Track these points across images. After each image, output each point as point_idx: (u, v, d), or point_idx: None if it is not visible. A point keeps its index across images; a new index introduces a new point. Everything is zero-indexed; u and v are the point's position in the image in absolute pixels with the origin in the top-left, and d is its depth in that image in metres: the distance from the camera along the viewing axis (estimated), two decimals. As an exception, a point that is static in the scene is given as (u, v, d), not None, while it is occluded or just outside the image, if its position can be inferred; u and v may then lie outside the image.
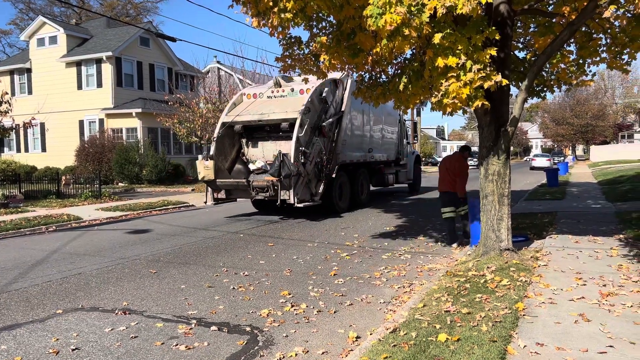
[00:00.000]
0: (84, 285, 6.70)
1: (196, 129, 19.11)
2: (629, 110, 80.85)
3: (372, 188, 17.04)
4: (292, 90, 13.63)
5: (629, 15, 6.08)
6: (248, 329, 4.99)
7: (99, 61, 25.86)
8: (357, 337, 4.70)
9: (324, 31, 7.11)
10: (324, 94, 13.14)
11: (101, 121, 26.23)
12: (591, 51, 6.43)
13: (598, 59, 6.57)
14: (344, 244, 9.34)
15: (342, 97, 13.83)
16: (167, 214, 14.71)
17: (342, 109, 13.74)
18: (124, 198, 18.53)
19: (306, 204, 12.29)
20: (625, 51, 6.23)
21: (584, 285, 5.52)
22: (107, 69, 25.75)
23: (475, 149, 77.27)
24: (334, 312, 5.47)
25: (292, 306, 5.64)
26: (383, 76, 7.59)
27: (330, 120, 13.32)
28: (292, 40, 7.32)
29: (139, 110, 24.84)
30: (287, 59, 7.31)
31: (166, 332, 4.93)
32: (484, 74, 5.35)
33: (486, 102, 5.67)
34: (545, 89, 8.16)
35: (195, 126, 18.75)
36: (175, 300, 5.95)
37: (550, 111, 74.65)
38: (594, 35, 6.56)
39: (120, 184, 24.13)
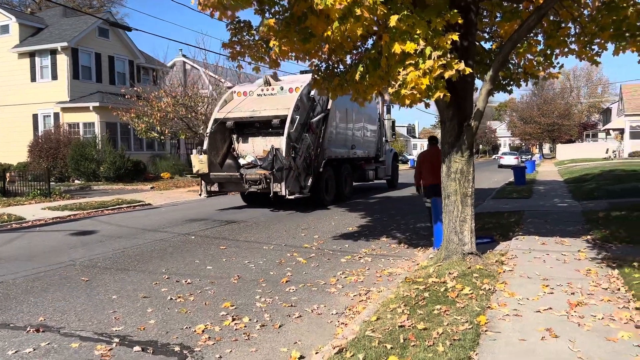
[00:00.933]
0: (1, 297, 5.94)
1: (155, 124, 18.26)
2: (593, 110, 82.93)
3: (354, 183, 17.56)
4: (282, 88, 14.22)
5: (600, 2, 5.69)
6: (177, 348, 4.36)
7: (53, 52, 24.58)
8: (301, 358, 4.13)
9: (277, 16, 6.51)
10: (312, 93, 13.71)
11: (56, 115, 24.95)
12: (560, 41, 6.01)
13: (567, 49, 6.17)
14: (302, 246, 8.77)
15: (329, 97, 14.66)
16: (119, 214, 13.85)
17: (328, 107, 14.44)
18: (77, 196, 17.52)
19: (296, 196, 13.02)
20: (595, 41, 5.83)
21: (552, 293, 5.08)
22: (63, 61, 24.49)
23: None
24: (279, 326, 4.89)
25: (233, 320, 5.04)
26: (341, 66, 7.03)
27: (318, 117, 14.02)
28: (241, 24, 6.69)
29: (97, 104, 23.71)
30: (235, 45, 6.67)
31: (80, 354, 4.26)
32: (444, 62, 4.84)
33: (447, 94, 5.17)
34: (511, 82, 7.75)
35: (154, 121, 17.91)
36: (102, 314, 5.27)
37: (518, 110, 75.80)
38: (563, 25, 6.15)
39: (76, 181, 22.98)
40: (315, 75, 7.08)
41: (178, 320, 5.06)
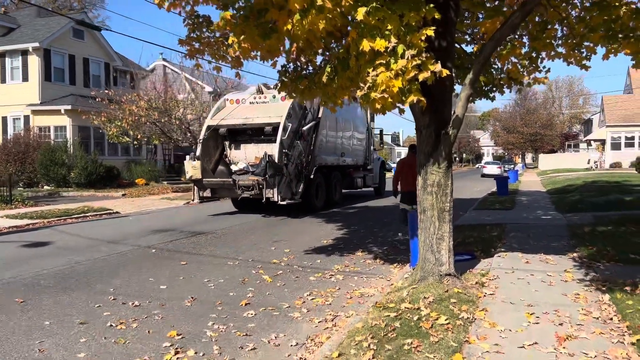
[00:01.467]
0: None
1: (127, 128, 17.49)
2: (574, 120, 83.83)
3: (343, 190, 17.78)
4: (274, 97, 14.34)
5: (589, 2, 5.21)
6: (102, 392, 3.70)
7: (24, 53, 23.65)
8: (246, 405, 3.50)
9: (241, 12, 5.91)
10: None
11: (27, 118, 23.99)
12: (546, 43, 5.51)
13: (553, 52, 5.68)
14: (270, 261, 8.13)
15: (319, 104, 15.02)
16: (82, 223, 13.06)
17: (319, 115, 14.75)
18: (42, 203, 16.65)
19: (288, 201, 13.25)
20: (584, 44, 5.35)
21: (537, 323, 4.53)
22: (34, 62, 23.58)
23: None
24: (228, 361, 4.26)
25: (176, 353, 4.39)
26: (310, 68, 6.45)
27: (309, 125, 14.30)
28: (200, 20, 6.08)
29: (69, 107, 22.81)
30: (193, 42, 6.06)
31: (-17, 400, 3.58)
32: (419, 62, 4.29)
33: (422, 99, 4.61)
34: (494, 88, 7.26)
35: (125, 125, 17.14)
36: (24, 346, 4.58)
37: (502, 120, 76.21)
38: (549, 26, 5.66)
39: (45, 187, 22.04)
40: (283, 77, 6.49)
41: (112, 354, 4.39)
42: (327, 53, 6.53)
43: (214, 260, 8.29)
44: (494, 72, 6.86)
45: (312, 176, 14.23)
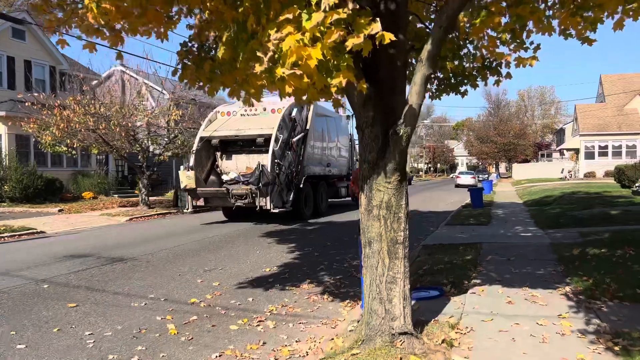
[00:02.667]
0: None
1: (58, 136, 15.53)
2: (547, 130, 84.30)
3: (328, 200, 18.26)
4: (264, 109, 14.78)
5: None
6: None
7: (-44, 54, 21.47)
8: None
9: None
10: (293, 114, 14.79)
11: (-42, 126, 21.71)
12: (534, 7, 3.99)
13: (544, 22, 4.17)
14: (188, 301, 6.40)
15: (307, 116, 15.60)
16: (-10, 246, 11.09)
17: (307, 127, 15.45)
18: (-43, 222, 14.54)
19: (280, 209, 13.76)
20: (587, 9, 3.85)
21: None
22: (-33, 64, 21.41)
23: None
24: None
25: None
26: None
27: (298, 137, 14.92)
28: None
29: (3, 113, 20.65)
30: (51, 9, 4.36)
31: None
32: (344, 15, 2.70)
33: (360, 82, 3.03)
34: (465, 80, 5.73)
35: (56, 132, 15.19)
36: None
37: (475, 129, 75.93)
38: (538, -12, 4.19)
39: (-24, 202, 19.79)
40: (185, 60, 4.83)
41: None
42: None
43: (117, 299, 6.52)
44: (465, 57, 5.34)
45: (301, 185, 14.80)
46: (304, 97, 3.35)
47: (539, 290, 5.89)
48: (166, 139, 17.85)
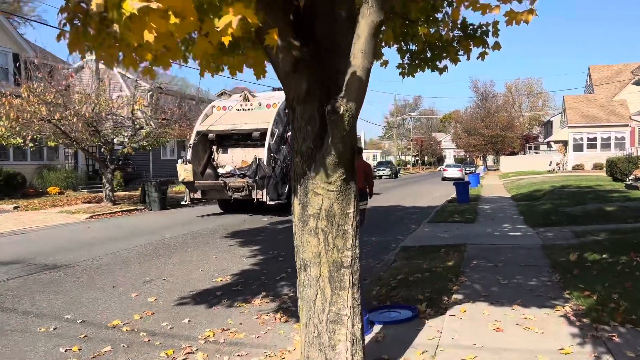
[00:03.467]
0: None
1: (12, 127, 14.20)
2: (534, 122, 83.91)
3: None
4: (260, 104, 15.26)
5: None
6: None
7: None
8: None
9: None
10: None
11: None
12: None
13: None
14: (109, 323, 5.27)
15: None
16: None
17: None
18: None
19: (276, 201, 14.08)
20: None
21: None
22: None
23: (390, 158, 76.07)
24: None
25: None
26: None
27: None
28: None
29: (-44, 103, 19.21)
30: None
31: None
32: None
33: (272, 33, 1.91)
34: (444, 54, 4.63)
35: (6, 123, 13.84)
36: None
37: (463, 122, 75.13)
38: None
39: None
40: (76, 21, 3.65)
41: None
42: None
43: (24, 321, 5.36)
44: (442, 22, 4.23)
45: None
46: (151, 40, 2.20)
47: (532, 310, 4.85)
48: (130, 131, 16.56)
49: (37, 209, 16.58)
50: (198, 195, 14.84)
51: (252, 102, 15.49)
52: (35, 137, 15.21)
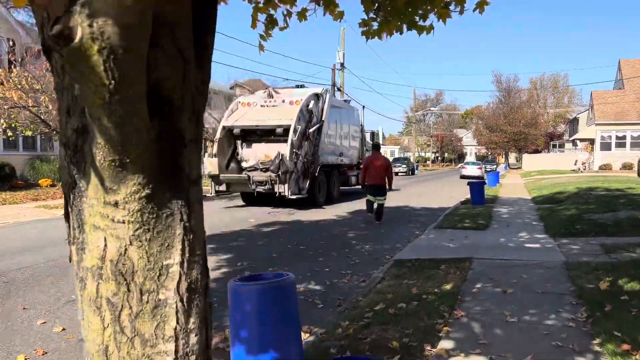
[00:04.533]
0: None
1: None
2: (559, 120, 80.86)
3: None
4: (283, 101, 15.86)
5: None
6: None
7: None
8: None
9: None
10: (310, 106, 15.65)
11: None
12: None
13: None
14: (-19, 365, 4.00)
15: (322, 108, 16.42)
16: None
17: (323, 119, 16.21)
18: None
19: (297, 196, 14.51)
20: None
21: None
22: None
23: (409, 154, 74.13)
24: None
25: None
26: None
27: (314, 127, 15.65)
28: None
29: (-58, 89, 18.33)
30: None
31: None
32: None
33: None
34: (427, 7, 3.21)
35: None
36: None
37: (484, 118, 72.75)
38: None
39: None
40: None
41: None
42: None
43: None
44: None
45: (316, 174, 15.51)
46: None
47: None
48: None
49: (17, 202, 15.56)
50: (223, 188, 15.36)
51: (275, 98, 16.05)
52: (12, 125, 14.14)
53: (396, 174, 46.07)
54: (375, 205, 12.14)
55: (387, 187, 12.11)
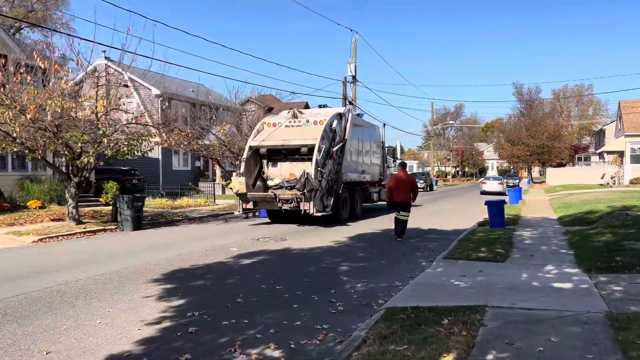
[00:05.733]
0: None
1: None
2: (584, 132, 77.95)
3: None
4: (307, 121, 16.12)
5: None
6: None
7: None
8: None
9: None
10: (333, 125, 15.79)
11: None
12: None
13: None
14: None
15: (345, 127, 16.60)
16: None
17: (345, 137, 16.43)
18: None
19: (322, 213, 14.58)
20: None
21: None
22: None
23: (427, 169, 72.01)
24: None
25: None
26: None
27: (338, 146, 15.80)
28: None
29: None
30: None
31: None
32: None
33: None
34: None
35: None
36: None
37: (506, 131, 70.41)
38: None
39: None
40: None
41: None
42: None
43: None
44: None
45: (340, 191, 15.77)
46: None
47: None
48: (92, 137, 14.11)
49: (-10, 228, 14.35)
50: (250, 205, 15.72)
51: (300, 119, 16.34)
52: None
53: (413, 190, 44.34)
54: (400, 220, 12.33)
55: (412, 201, 12.51)
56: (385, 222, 16.02)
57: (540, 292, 6.61)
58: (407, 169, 13.14)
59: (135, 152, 15.09)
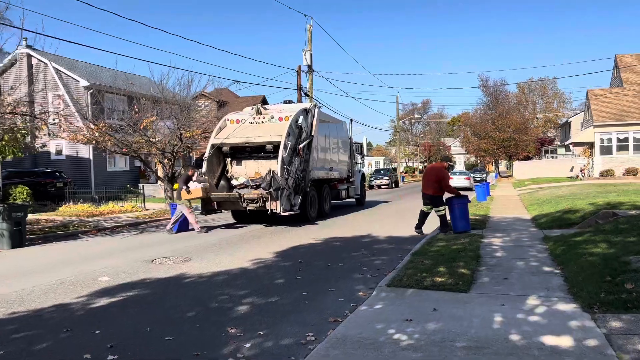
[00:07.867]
0: None
1: None
2: (549, 125, 77.58)
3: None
4: (272, 117, 15.71)
5: None
6: None
7: None
8: None
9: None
10: (299, 121, 15.54)
11: None
12: None
13: None
14: None
15: (312, 123, 16.30)
16: None
17: (312, 134, 16.09)
18: None
19: (290, 212, 14.19)
20: None
21: None
22: None
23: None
24: None
25: None
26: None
27: (304, 143, 15.47)
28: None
29: None
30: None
31: None
32: None
33: None
34: None
35: None
36: None
37: (472, 124, 69.00)
38: None
39: None
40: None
41: None
42: None
43: None
44: None
45: (307, 189, 15.27)
46: None
47: None
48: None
49: None
50: (213, 206, 14.98)
51: (264, 115, 15.88)
52: None
53: (378, 186, 41.77)
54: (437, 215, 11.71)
55: (441, 195, 11.67)
56: (352, 222, 15.64)
57: (525, 356, 4.03)
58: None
59: (15, 150, 12.00)
